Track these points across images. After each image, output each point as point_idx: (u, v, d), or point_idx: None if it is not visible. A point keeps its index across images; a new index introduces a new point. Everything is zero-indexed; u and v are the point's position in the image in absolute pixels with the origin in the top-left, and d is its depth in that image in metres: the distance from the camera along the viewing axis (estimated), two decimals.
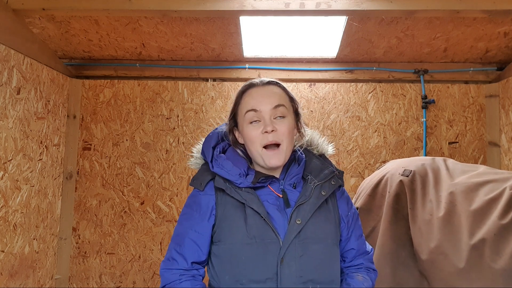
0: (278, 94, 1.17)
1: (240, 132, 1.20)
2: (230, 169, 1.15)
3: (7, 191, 2.10)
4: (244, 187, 1.13)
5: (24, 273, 2.28)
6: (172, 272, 1.12)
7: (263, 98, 1.14)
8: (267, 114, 1.13)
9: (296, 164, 1.22)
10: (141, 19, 2.31)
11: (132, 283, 2.69)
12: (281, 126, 1.13)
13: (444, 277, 1.46)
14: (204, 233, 1.14)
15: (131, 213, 2.72)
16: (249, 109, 1.14)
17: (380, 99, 2.76)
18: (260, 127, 1.13)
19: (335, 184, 1.18)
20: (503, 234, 1.39)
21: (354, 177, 2.72)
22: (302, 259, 1.07)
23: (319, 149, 1.28)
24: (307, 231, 1.09)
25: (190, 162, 1.30)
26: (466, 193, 1.59)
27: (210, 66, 2.78)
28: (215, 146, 1.22)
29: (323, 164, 1.22)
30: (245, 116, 1.15)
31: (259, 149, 1.14)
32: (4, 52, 2.04)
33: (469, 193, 1.58)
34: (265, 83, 1.18)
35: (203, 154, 1.23)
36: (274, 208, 1.12)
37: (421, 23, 2.30)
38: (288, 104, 1.18)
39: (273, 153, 1.13)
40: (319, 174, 1.19)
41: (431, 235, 1.56)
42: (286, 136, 1.14)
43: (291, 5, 2.02)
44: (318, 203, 1.13)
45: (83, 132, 2.76)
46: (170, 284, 1.10)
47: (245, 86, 1.20)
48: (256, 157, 1.16)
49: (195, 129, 2.75)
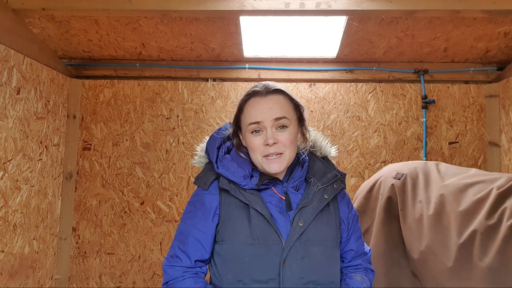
0: (281, 105, 1.16)
1: (243, 138, 1.21)
2: (235, 171, 1.16)
3: (7, 191, 2.10)
4: (248, 189, 1.15)
5: (24, 273, 2.28)
6: (175, 269, 1.13)
7: (265, 110, 1.14)
8: (268, 125, 1.13)
9: (299, 167, 1.22)
10: (141, 19, 2.31)
11: (132, 283, 2.69)
12: (283, 137, 1.14)
13: (435, 276, 1.49)
14: (207, 232, 1.15)
15: (131, 213, 2.72)
16: (251, 122, 1.15)
17: (380, 99, 2.76)
18: (262, 137, 1.14)
19: (337, 187, 1.20)
20: (489, 234, 1.42)
21: (354, 177, 2.72)
22: (304, 260, 1.09)
23: (322, 151, 1.28)
24: (308, 233, 1.11)
25: (194, 160, 1.30)
26: (455, 194, 1.61)
27: (210, 66, 2.78)
28: (219, 146, 1.23)
29: (326, 167, 1.23)
30: (248, 127, 1.16)
31: (259, 158, 1.15)
32: (4, 52, 2.04)
33: (458, 194, 1.60)
34: (269, 91, 1.16)
35: (208, 154, 1.24)
36: (277, 210, 1.14)
37: (421, 23, 2.30)
38: (291, 113, 1.17)
39: (274, 160, 1.14)
40: (322, 177, 1.20)
41: (421, 235, 1.59)
42: (288, 146, 1.15)
43: (291, 5, 2.02)
44: (320, 207, 1.14)
45: (83, 132, 2.76)
46: (173, 281, 1.12)
47: (248, 94, 1.18)
48: (257, 163, 1.18)
49: (195, 129, 2.75)
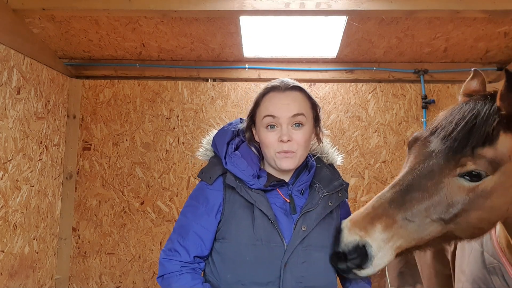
0: (299, 102, 1.15)
1: (257, 133, 1.20)
2: (244, 169, 1.15)
3: (7, 191, 2.10)
4: (254, 189, 1.14)
5: (24, 273, 2.27)
6: (173, 263, 1.11)
7: (283, 105, 1.13)
8: (284, 122, 1.12)
9: (306, 171, 1.22)
10: (141, 19, 2.30)
11: (132, 283, 2.69)
12: (298, 136, 1.13)
13: None
14: (209, 228, 1.14)
15: (131, 213, 2.72)
16: (267, 114, 1.13)
17: (380, 99, 2.76)
18: (277, 133, 1.12)
19: (341, 196, 1.20)
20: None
21: (354, 177, 2.72)
22: (304, 265, 1.09)
23: (328, 159, 1.28)
24: (311, 238, 1.11)
25: (199, 153, 1.28)
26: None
27: (210, 66, 2.78)
28: (229, 142, 1.21)
29: (333, 174, 1.23)
30: (263, 120, 1.15)
31: (272, 154, 1.14)
32: (4, 52, 2.04)
33: None
34: (288, 88, 1.15)
35: (215, 148, 1.23)
36: (281, 212, 1.13)
37: (421, 23, 2.30)
38: (308, 111, 1.17)
39: (286, 157, 1.13)
40: (329, 184, 1.20)
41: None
42: (302, 145, 1.14)
43: (291, 5, 2.02)
44: (324, 213, 1.14)
45: (83, 132, 2.76)
46: (170, 275, 1.10)
47: (267, 88, 1.17)
48: (269, 159, 1.16)
49: (195, 129, 2.75)
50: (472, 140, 0.93)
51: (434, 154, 0.98)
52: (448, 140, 0.96)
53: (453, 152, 0.95)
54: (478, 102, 1.00)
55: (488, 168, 0.92)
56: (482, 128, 0.94)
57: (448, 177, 0.95)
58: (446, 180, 0.95)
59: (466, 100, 1.05)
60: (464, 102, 1.05)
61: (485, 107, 0.98)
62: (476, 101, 1.02)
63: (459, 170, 0.94)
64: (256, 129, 1.20)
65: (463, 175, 0.94)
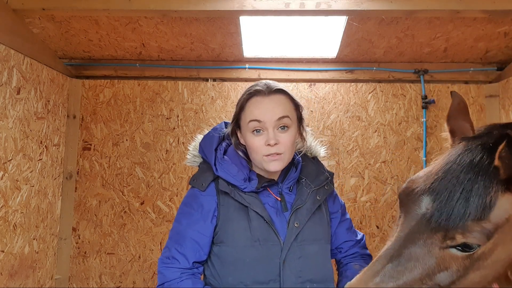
0: (283, 105, 1.15)
1: (243, 137, 1.20)
2: (235, 174, 1.16)
3: (7, 191, 2.10)
4: (247, 191, 1.15)
5: (24, 273, 2.28)
6: (172, 271, 1.12)
7: (268, 110, 1.13)
8: (270, 126, 1.12)
9: (294, 168, 1.24)
10: (141, 19, 2.30)
11: (132, 283, 2.69)
12: (284, 138, 1.14)
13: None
14: (206, 233, 1.15)
15: (131, 213, 2.72)
16: (252, 119, 1.14)
17: (380, 99, 2.76)
18: (263, 138, 1.13)
19: (328, 189, 1.23)
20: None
21: (354, 177, 2.72)
22: (301, 260, 1.11)
23: (312, 152, 1.30)
24: (304, 233, 1.14)
25: (188, 160, 1.29)
26: None
27: (210, 66, 2.78)
28: (216, 148, 1.22)
29: (318, 168, 1.26)
30: (248, 125, 1.15)
31: (260, 157, 1.15)
32: (4, 52, 2.04)
33: None
34: (272, 91, 1.15)
35: (203, 154, 1.23)
36: (274, 211, 1.15)
37: (421, 23, 2.30)
38: (292, 113, 1.17)
39: (274, 159, 1.14)
40: (315, 179, 1.22)
41: None
42: (289, 147, 1.15)
43: (291, 5, 2.02)
44: (314, 208, 1.17)
45: (83, 132, 2.76)
46: (170, 283, 1.10)
47: (250, 93, 1.17)
48: (257, 162, 1.17)
49: (195, 129, 2.75)
50: (466, 214, 0.87)
51: (425, 221, 0.92)
52: (439, 211, 0.90)
53: (444, 224, 0.89)
54: (476, 156, 0.93)
55: (481, 239, 0.86)
56: (478, 201, 0.87)
57: (439, 248, 0.89)
58: (436, 251, 0.89)
59: (463, 146, 0.99)
60: (461, 149, 0.98)
61: (482, 172, 0.89)
62: (473, 152, 0.94)
63: (449, 243, 0.88)
64: (241, 133, 1.20)
65: (454, 247, 0.88)
